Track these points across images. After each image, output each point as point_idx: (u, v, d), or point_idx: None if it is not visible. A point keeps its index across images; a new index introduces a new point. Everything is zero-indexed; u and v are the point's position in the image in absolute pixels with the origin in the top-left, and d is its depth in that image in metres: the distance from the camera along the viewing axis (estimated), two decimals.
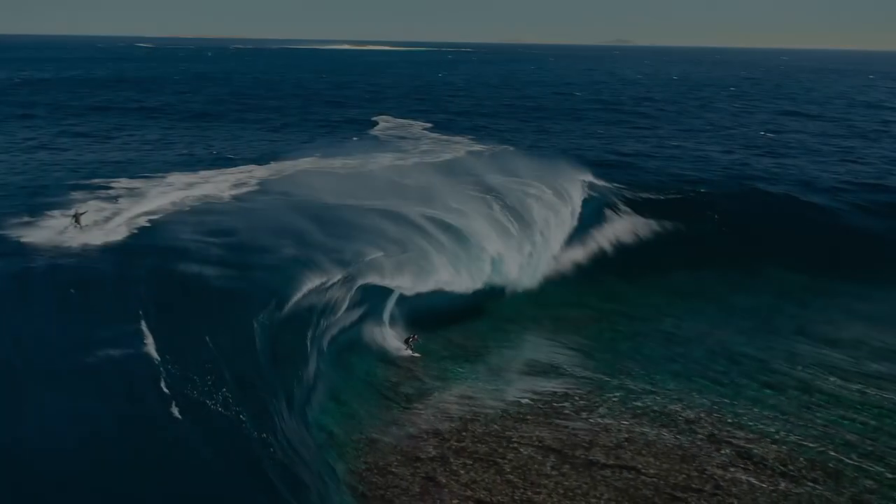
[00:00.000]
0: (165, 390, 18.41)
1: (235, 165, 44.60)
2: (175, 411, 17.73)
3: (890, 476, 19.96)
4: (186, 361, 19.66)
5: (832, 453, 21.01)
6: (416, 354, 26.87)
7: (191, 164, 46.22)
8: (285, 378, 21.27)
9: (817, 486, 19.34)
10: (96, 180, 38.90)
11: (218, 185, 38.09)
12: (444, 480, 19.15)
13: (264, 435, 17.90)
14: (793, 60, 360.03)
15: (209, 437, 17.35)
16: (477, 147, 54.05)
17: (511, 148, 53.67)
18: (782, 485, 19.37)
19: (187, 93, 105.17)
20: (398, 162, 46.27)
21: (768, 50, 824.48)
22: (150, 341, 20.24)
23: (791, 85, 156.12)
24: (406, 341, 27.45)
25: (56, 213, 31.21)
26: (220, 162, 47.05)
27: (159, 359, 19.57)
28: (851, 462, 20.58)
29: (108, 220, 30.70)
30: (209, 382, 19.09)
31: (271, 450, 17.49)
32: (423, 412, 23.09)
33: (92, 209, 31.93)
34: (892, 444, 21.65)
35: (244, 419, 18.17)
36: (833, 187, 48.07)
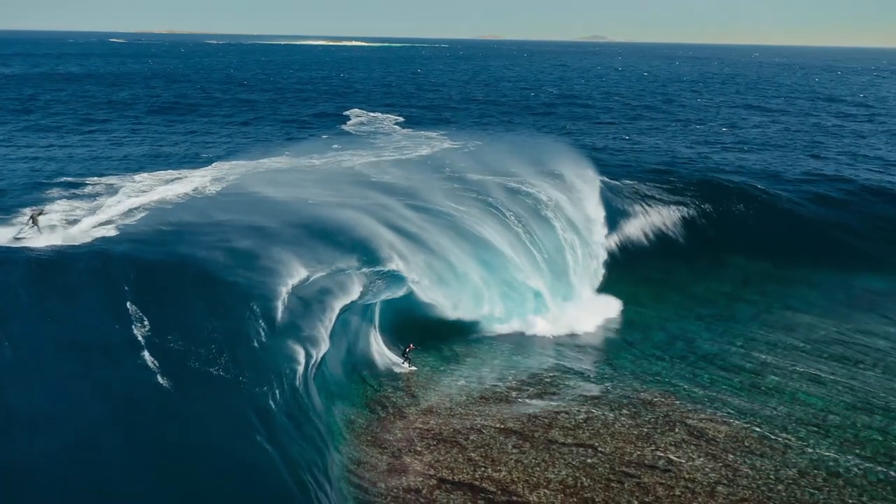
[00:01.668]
0: (162, 366, 19.29)
1: (208, 163, 44.28)
2: (178, 385, 18.91)
3: (835, 452, 20.89)
4: (183, 342, 20.53)
5: (781, 431, 21.95)
6: (414, 368, 25.88)
7: (159, 162, 46.10)
8: (279, 357, 21.52)
9: (765, 461, 20.23)
10: (63, 178, 38.77)
11: (191, 182, 37.56)
12: (408, 460, 19.79)
13: (259, 407, 18.90)
14: (764, 57, 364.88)
15: (205, 405, 18.46)
16: (448, 143, 54.37)
17: (481, 143, 54.24)
18: (731, 460, 20.24)
19: (157, 88, 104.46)
20: (373, 159, 46.26)
21: (741, 46, 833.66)
22: (139, 328, 20.93)
23: (758, 80, 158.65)
24: (404, 353, 26.15)
25: (27, 209, 30.83)
26: (191, 159, 47.05)
27: (157, 342, 20.34)
28: (799, 439, 21.51)
29: (76, 220, 29.95)
30: (206, 358, 20.02)
31: (266, 419, 18.56)
32: (392, 395, 23.70)
33: (61, 209, 31.73)
34: (838, 422, 22.63)
35: (239, 392, 19.18)
36: (795, 178, 49.45)
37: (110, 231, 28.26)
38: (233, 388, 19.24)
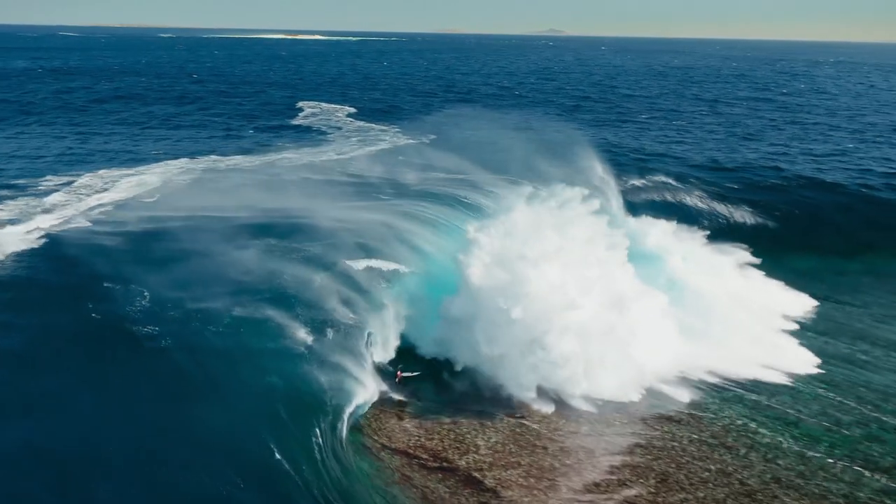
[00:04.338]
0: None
1: (157, 160, 44.15)
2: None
3: (746, 418, 22.44)
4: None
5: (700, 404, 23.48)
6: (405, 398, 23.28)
7: (107, 160, 45.81)
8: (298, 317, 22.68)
9: (682, 427, 21.81)
10: (17, 181, 38.33)
11: (144, 179, 37.73)
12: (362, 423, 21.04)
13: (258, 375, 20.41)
14: (722, 49, 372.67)
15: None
16: (405, 139, 54.10)
17: (436, 137, 54.51)
18: (650, 426, 21.80)
19: (104, 81, 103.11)
20: (328, 157, 46.47)
21: (705, 40, 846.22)
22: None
23: (712, 74, 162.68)
24: (397, 380, 23.35)
25: None
26: (141, 156, 46.93)
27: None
28: (713, 409, 23.06)
29: (23, 220, 29.91)
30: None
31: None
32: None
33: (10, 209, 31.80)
34: (777, 406, 23.45)
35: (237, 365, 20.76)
36: (731, 167, 51.41)
37: (61, 230, 28.51)
38: (234, 361, 20.65)
